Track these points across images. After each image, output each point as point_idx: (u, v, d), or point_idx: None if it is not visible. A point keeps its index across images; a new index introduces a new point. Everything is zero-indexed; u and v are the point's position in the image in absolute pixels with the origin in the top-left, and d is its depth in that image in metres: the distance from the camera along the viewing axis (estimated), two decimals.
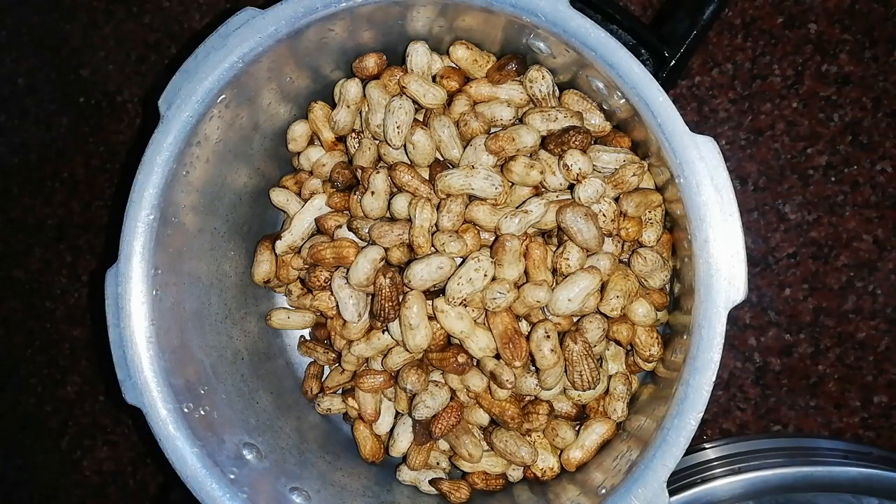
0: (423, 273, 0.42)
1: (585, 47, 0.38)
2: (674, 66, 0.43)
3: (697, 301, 0.37)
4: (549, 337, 0.42)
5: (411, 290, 0.43)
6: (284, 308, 0.50)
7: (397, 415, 0.48)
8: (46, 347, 0.65)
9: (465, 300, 0.42)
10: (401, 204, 0.44)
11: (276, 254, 0.48)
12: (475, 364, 0.45)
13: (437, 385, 0.45)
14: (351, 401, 0.48)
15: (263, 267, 0.49)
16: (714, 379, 0.36)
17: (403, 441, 0.47)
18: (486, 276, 0.42)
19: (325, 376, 0.51)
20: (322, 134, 0.48)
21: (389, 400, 0.48)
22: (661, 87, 0.37)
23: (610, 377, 0.45)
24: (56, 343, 0.64)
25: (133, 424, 0.63)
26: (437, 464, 0.48)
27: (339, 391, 0.50)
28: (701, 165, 0.37)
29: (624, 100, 0.39)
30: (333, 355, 0.49)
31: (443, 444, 0.48)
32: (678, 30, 0.43)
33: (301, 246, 0.47)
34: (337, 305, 0.45)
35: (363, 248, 0.44)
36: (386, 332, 0.45)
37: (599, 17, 0.42)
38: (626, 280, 0.43)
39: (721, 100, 0.56)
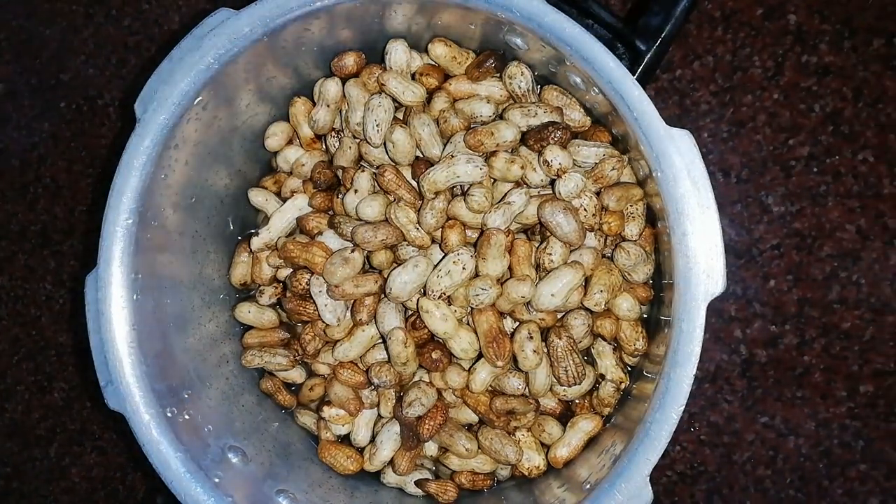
0: (404, 277, 0.42)
1: (561, 42, 0.38)
2: (649, 59, 0.43)
3: (677, 294, 0.37)
4: (531, 338, 0.42)
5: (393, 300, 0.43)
6: (249, 302, 0.48)
7: (377, 421, 0.48)
8: (32, 354, 0.64)
9: (444, 294, 0.42)
10: (368, 211, 0.43)
11: (252, 252, 0.48)
12: (454, 360, 0.44)
13: (427, 385, 0.45)
14: (327, 410, 0.47)
15: (240, 269, 0.49)
16: (695, 372, 0.36)
17: (386, 450, 0.46)
18: (464, 269, 0.42)
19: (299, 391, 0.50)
20: (301, 129, 0.47)
21: (371, 408, 0.47)
22: (636, 82, 0.37)
23: (596, 373, 0.45)
24: (42, 349, 0.64)
25: (119, 430, 0.62)
26: (422, 465, 0.48)
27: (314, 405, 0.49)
28: (677, 159, 0.37)
29: (601, 94, 0.39)
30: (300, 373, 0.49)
31: (427, 450, 0.47)
32: (653, 23, 0.43)
33: (278, 243, 0.47)
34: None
35: (332, 256, 0.44)
36: (370, 325, 0.45)
37: (575, 12, 0.42)
38: (609, 274, 0.43)
39: (702, 92, 0.56)
